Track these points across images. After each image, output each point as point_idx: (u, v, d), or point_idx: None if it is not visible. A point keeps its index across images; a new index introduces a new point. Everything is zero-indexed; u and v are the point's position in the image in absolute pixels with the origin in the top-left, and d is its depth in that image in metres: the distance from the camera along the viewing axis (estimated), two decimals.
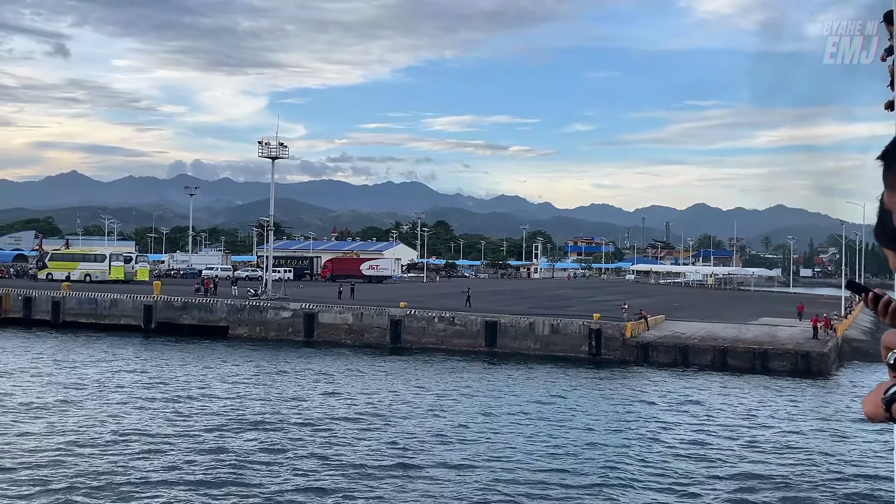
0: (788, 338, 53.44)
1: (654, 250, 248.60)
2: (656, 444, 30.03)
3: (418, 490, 23.62)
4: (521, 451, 28.23)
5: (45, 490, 22.26)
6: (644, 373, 48.51)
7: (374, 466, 25.70)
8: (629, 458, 27.96)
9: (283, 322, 60.34)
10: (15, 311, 66.09)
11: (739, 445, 30.46)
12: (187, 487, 22.96)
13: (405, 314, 57.89)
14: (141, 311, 63.25)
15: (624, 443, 30.12)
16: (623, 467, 26.72)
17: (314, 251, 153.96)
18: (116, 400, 35.69)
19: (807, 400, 41.14)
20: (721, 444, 30.42)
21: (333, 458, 26.50)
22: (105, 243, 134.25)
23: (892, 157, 2.02)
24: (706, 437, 31.50)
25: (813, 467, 27.72)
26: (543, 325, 55.14)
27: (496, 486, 24.16)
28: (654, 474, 26.03)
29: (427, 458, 26.95)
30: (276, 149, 70.75)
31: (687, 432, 32.33)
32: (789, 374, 47.94)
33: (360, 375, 44.51)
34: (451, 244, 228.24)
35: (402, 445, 28.56)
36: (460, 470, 25.75)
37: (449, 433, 30.83)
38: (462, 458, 27.12)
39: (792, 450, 30.15)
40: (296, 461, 26.10)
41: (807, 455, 29.44)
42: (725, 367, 49.28)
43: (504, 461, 26.87)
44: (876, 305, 2.31)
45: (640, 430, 32.33)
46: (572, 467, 26.57)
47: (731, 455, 28.89)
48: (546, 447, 29.11)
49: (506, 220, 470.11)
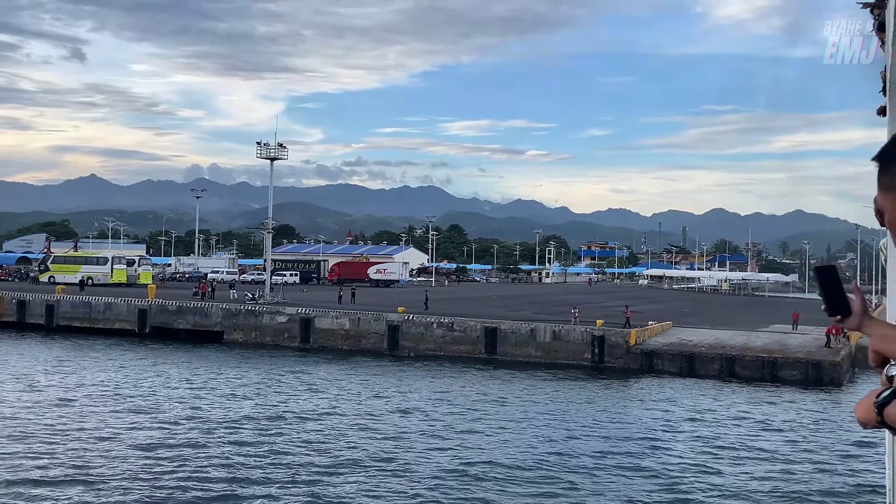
0: (799, 346, 51.37)
1: (669, 255, 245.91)
2: (659, 459, 28.49)
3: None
4: (516, 466, 26.75)
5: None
6: (648, 382, 46.66)
7: (360, 481, 24.11)
8: (630, 472, 26.51)
9: (279, 327, 58.83)
10: (9, 315, 65.01)
11: (744, 460, 28.96)
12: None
13: (403, 319, 56.27)
14: (135, 315, 61.93)
15: (625, 458, 28.53)
16: (624, 483, 25.37)
17: (323, 255, 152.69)
18: (82, 411, 34.26)
19: (816, 411, 39.13)
20: (726, 459, 28.89)
21: (318, 475, 24.92)
22: (110, 246, 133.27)
23: (887, 159, 2.09)
24: (711, 452, 29.97)
25: (822, 482, 26.33)
26: (545, 332, 53.36)
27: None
28: (656, 489, 24.69)
29: (418, 473, 25.36)
30: (276, 150, 69.29)
31: (691, 447, 30.76)
32: (800, 383, 45.96)
33: (352, 385, 42.86)
34: (465, 248, 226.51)
35: (392, 459, 27.11)
36: (455, 481, 24.62)
37: (442, 445, 29.41)
38: (455, 467, 25.98)
39: (800, 464, 28.65)
40: (270, 480, 24.51)
41: (816, 469, 27.97)
42: (733, 376, 47.37)
43: (499, 477, 25.41)
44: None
45: (641, 446, 30.59)
46: (568, 483, 25.10)
47: (736, 470, 27.45)
48: (541, 461, 27.62)
49: (522, 224, 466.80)
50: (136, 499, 22.09)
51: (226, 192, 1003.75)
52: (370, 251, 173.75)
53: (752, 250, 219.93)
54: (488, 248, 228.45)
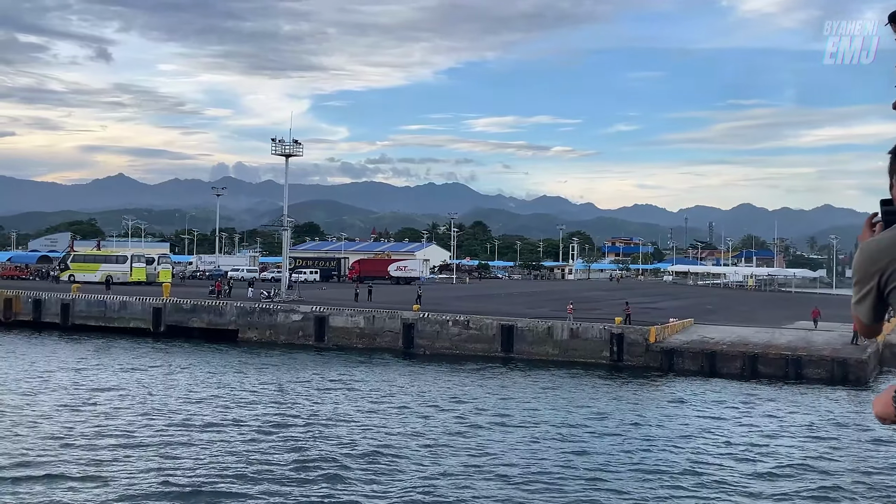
0: (824, 343, 49.92)
1: (694, 251, 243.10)
2: (678, 461, 27.52)
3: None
4: (532, 469, 25.88)
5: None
6: (668, 381, 45.47)
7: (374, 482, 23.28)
8: (650, 474, 25.70)
9: (294, 325, 58.14)
10: (25, 314, 64.93)
11: (766, 461, 27.92)
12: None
13: (418, 318, 55.39)
14: (150, 313, 61.51)
15: (643, 460, 27.55)
16: (644, 485, 24.59)
17: (345, 252, 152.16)
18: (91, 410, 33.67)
19: (841, 412, 37.78)
20: (745, 460, 27.84)
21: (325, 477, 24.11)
22: (130, 245, 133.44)
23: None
24: (730, 453, 28.94)
25: (848, 482, 25.39)
26: (562, 330, 52.28)
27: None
28: (677, 493, 23.90)
29: (433, 473, 24.57)
30: (291, 146, 68.56)
31: (710, 448, 29.67)
32: (825, 382, 44.58)
33: (366, 383, 42.03)
34: (488, 245, 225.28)
35: (409, 459, 26.52)
36: (473, 481, 24.12)
37: (458, 447, 28.60)
38: (474, 468, 25.44)
39: (824, 464, 27.51)
40: (279, 480, 23.73)
41: (842, 469, 26.97)
42: (756, 374, 46.07)
43: (516, 479, 24.69)
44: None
45: (660, 447, 29.59)
46: (587, 485, 24.45)
47: (758, 471, 26.57)
48: (559, 462, 26.86)
49: (548, 221, 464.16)
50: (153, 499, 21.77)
51: (252, 190, 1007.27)
52: (392, 248, 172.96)
53: (780, 245, 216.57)
54: (512, 245, 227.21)
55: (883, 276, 2.44)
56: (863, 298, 2.48)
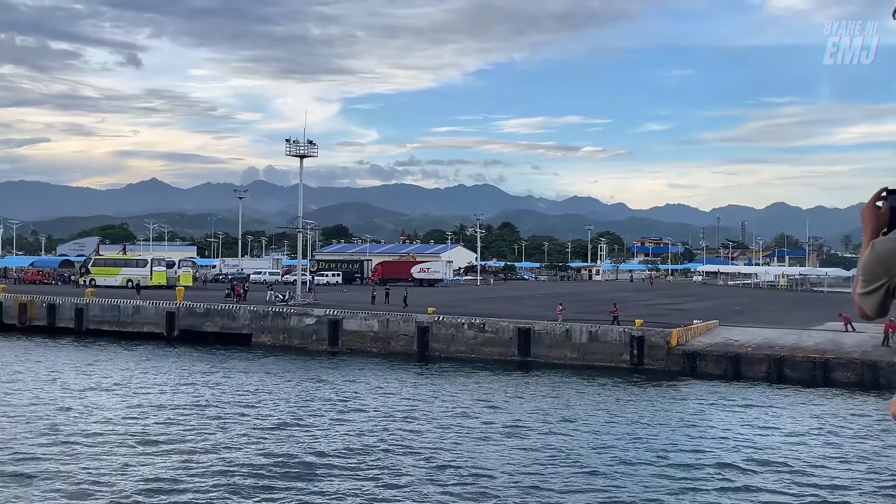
0: (854, 345, 47.83)
1: (725, 250, 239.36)
2: (701, 468, 26.43)
3: None
4: (549, 475, 25.00)
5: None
6: (690, 386, 43.72)
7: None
8: (670, 483, 24.69)
9: (307, 329, 57.02)
10: (39, 319, 64.49)
11: (791, 467, 26.81)
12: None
13: (433, 321, 54.04)
14: (163, 318, 60.75)
15: (664, 470, 26.26)
16: (665, 493, 23.65)
17: (370, 254, 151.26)
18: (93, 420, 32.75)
19: (872, 418, 35.85)
20: (770, 467, 26.73)
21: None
22: (152, 248, 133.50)
23: None
24: (755, 458, 27.72)
25: (875, 490, 24.31)
26: (581, 333, 50.68)
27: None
28: (699, 500, 23.06)
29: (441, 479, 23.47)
30: (305, 147, 67.48)
31: (733, 454, 28.36)
32: (855, 386, 42.58)
33: (379, 389, 40.77)
34: (516, 246, 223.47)
35: (424, 467, 25.62)
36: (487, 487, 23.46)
37: (476, 454, 27.63)
38: (498, 471, 24.98)
39: (852, 470, 26.13)
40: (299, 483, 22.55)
41: (868, 479, 25.52)
42: (782, 378, 44.16)
43: (535, 483, 24.06)
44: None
45: (681, 456, 28.16)
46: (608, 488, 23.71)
47: (782, 478, 25.55)
48: (575, 469, 25.86)
49: (578, 221, 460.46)
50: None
51: (283, 193, 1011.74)
52: (417, 250, 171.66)
53: (813, 244, 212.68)
54: (539, 246, 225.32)
55: (893, 279, 2.41)
56: (870, 293, 2.44)
